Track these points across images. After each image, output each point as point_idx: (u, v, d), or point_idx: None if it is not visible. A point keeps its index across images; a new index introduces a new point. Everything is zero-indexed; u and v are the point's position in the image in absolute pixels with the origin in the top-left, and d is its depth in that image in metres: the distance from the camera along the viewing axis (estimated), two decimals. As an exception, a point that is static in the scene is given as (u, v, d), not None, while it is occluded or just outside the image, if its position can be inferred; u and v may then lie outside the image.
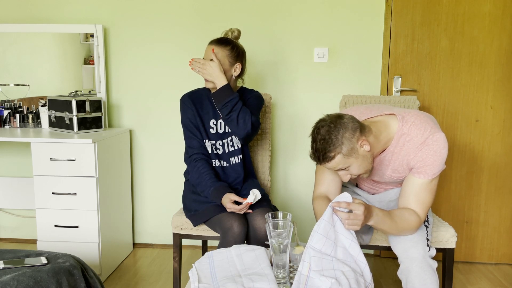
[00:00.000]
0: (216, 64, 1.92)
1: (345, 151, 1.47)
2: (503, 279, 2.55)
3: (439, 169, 1.56)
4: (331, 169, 1.53)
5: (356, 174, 1.54)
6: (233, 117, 1.89)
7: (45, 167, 2.35)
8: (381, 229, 1.56)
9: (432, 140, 1.54)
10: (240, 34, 2.08)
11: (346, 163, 1.50)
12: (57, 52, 2.76)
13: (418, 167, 1.57)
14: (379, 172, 1.70)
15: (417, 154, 1.56)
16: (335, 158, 1.48)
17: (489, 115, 2.62)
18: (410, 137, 1.57)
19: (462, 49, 2.59)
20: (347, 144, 1.47)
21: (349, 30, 2.66)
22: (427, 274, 1.53)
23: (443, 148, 1.54)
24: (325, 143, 1.47)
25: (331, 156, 1.48)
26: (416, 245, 1.57)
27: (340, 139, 1.47)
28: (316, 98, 2.73)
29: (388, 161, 1.63)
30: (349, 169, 1.53)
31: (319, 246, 1.38)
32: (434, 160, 1.54)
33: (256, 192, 1.84)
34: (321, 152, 1.48)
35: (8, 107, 2.78)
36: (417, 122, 1.57)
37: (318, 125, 1.52)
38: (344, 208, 1.41)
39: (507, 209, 2.69)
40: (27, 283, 1.48)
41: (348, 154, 1.48)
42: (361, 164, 1.52)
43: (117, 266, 2.66)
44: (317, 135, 1.50)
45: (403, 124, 1.58)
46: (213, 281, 1.34)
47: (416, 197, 1.58)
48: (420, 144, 1.55)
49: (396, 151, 1.60)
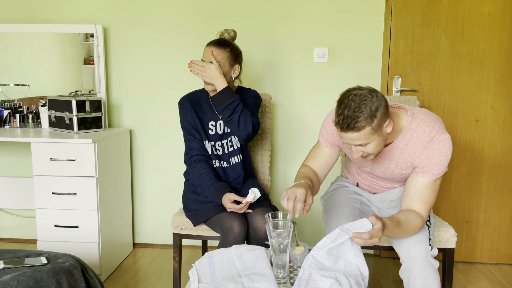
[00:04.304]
0: (216, 66, 1.91)
1: (375, 126, 1.43)
2: (503, 279, 2.55)
3: (443, 170, 1.56)
4: (350, 141, 1.47)
5: (370, 153, 1.51)
6: (234, 119, 1.89)
7: (45, 167, 2.35)
8: (390, 237, 1.57)
9: (439, 139, 1.54)
10: (236, 34, 2.07)
11: (368, 139, 1.46)
12: (57, 52, 2.76)
13: (422, 166, 1.57)
14: (382, 167, 1.69)
15: (423, 153, 1.56)
16: (364, 129, 1.42)
17: (489, 115, 2.62)
18: (417, 134, 1.57)
19: (462, 49, 2.59)
20: (379, 120, 1.43)
21: (349, 30, 2.66)
22: (429, 273, 1.52)
23: (449, 149, 1.54)
24: (359, 112, 1.41)
25: (361, 126, 1.42)
26: (418, 244, 1.57)
27: (374, 112, 1.42)
28: (316, 98, 2.73)
29: (392, 155, 1.63)
30: (366, 146, 1.48)
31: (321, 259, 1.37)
32: (439, 160, 1.54)
33: (255, 191, 1.84)
34: (352, 119, 1.41)
35: (8, 107, 2.78)
36: (426, 120, 1.58)
37: (353, 92, 1.45)
38: (366, 238, 1.35)
39: (507, 209, 2.69)
40: (27, 283, 1.48)
41: (375, 130, 1.44)
42: (378, 144, 1.49)
43: (117, 266, 2.66)
44: (351, 101, 1.43)
45: (412, 120, 1.58)
46: (213, 281, 1.34)
47: (420, 196, 1.58)
48: (426, 142, 1.55)
49: (401, 146, 1.60)
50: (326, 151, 1.77)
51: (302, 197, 1.49)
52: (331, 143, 1.75)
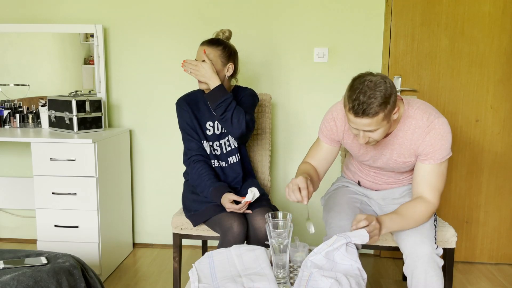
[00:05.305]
0: (209, 65, 1.92)
1: (387, 112, 1.45)
2: (503, 279, 2.55)
3: (447, 153, 1.59)
4: (362, 126, 1.47)
5: (376, 139, 1.53)
6: (227, 117, 1.90)
7: (45, 167, 2.35)
8: (396, 230, 1.59)
9: (438, 123, 1.57)
10: (231, 34, 2.09)
11: (379, 125, 1.47)
12: (57, 52, 2.76)
13: (427, 153, 1.59)
14: (384, 157, 1.70)
15: (425, 139, 1.58)
16: (378, 115, 1.43)
17: (489, 115, 2.62)
18: (415, 121, 1.59)
19: (462, 49, 2.59)
20: (391, 106, 1.45)
21: (349, 30, 2.66)
22: (434, 270, 1.53)
23: (449, 132, 1.58)
24: (374, 98, 1.41)
25: (375, 111, 1.42)
26: (424, 241, 1.58)
27: (388, 98, 1.42)
28: (316, 98, 2.73)
29: (394, 144, 1.65)
30: (375, 132, 1.49)
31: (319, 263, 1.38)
32: (442, 144, 1.57)
33: (254, 190, 1.84)
34: (368, 105, 1.41)
35: (8, 107, 2.78)
36: (422, 107, 1.61)
37: (367, 78, 1.44)
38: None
39: (507, 209, 2.69)
40: (27, 283, 1.48)
41: (386, 116, 1.46)
42: (385, 130, 1.51)
43: (117, 266, 2.66)
44: (366, 87, 1.42)
45: (408, 108, 1.61)
46: (213, 281, 1.34)
47: (428, 182, 1.60)
48: (426, 128, 1.58)
49: (401, 135, 1.62)
50: (325, 147, 1.80)
51: (303, 184, 1.52)
52: (331, 139, 1.77)
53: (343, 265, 1.38)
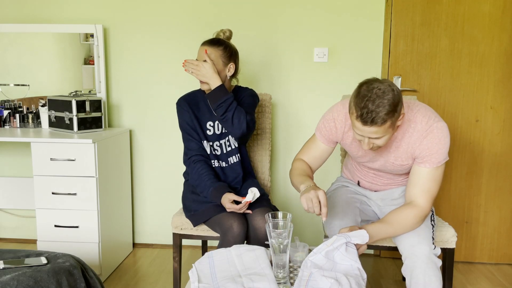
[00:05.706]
0: (210, 65, 1.92)
1: (394, 120, 1.44)
2: (503, 279, 2.55)
3: (443, 158, 1.58)
4: (368, 134, 1.46)
5: (381, 145, 1.52)
6: (228, 117, 1.90)
7: (45, 167, 2.35)
8: (384, 238, 1.58)
9: (437, 127, 1.56)
10: (231, 34, 2.09)
11: (385, 132, 1.46)
12: (57, 52, 2.76)
13: (423, 156, 1.58)
14: (382, 159, 1.70)
15: (422, 142, 1.57)
16: (386, 123, 1.42)
17: (489, 115, 2.62)
18: (414, 124, 1.59)
19: (462, 49, 2.59)
20: (398, 114, 1.44)
21: (349, 30, 2.66)
22: (432, 271, 1.53)
23: (447, 136, 1.57)
24: (382, 106, 1.39)
25: (383, 120, 1.41)
26: (422, 242, 1.58)
27: (395, 107, 1.41)
28: (316, 98, 2.73)
29: (391, 147, 1.65)
30: (380, 139, 1.48)
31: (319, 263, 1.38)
32: (439, 148, 1.56)
33: (254, 190, 1.84)
34: (377, 113, 1.40)
35: (8, 107, 2.78)
36: (422, 110, 1.60)
37: (375, 85, 1.42)
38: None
39: (507, 209, 2.69)
40: (27, 283, 1.48)
41: (392, 124, 1.45)
42: (389, 137, 1.50)
43: (117, 266, 2.66)
44: (375, 95, 1.40)
45: (408, 111, 1.60)
46: (213, 281, 1.34)
47: (421, 186, 1.59)
48: (424, 132, 1.57)
49: (399, 138, 1.62)
50: (321, 146, 1.79)
51: (325, 201, 1.49)
52: (329, 139, 1.77)
53: (343, 265, 1.38)
